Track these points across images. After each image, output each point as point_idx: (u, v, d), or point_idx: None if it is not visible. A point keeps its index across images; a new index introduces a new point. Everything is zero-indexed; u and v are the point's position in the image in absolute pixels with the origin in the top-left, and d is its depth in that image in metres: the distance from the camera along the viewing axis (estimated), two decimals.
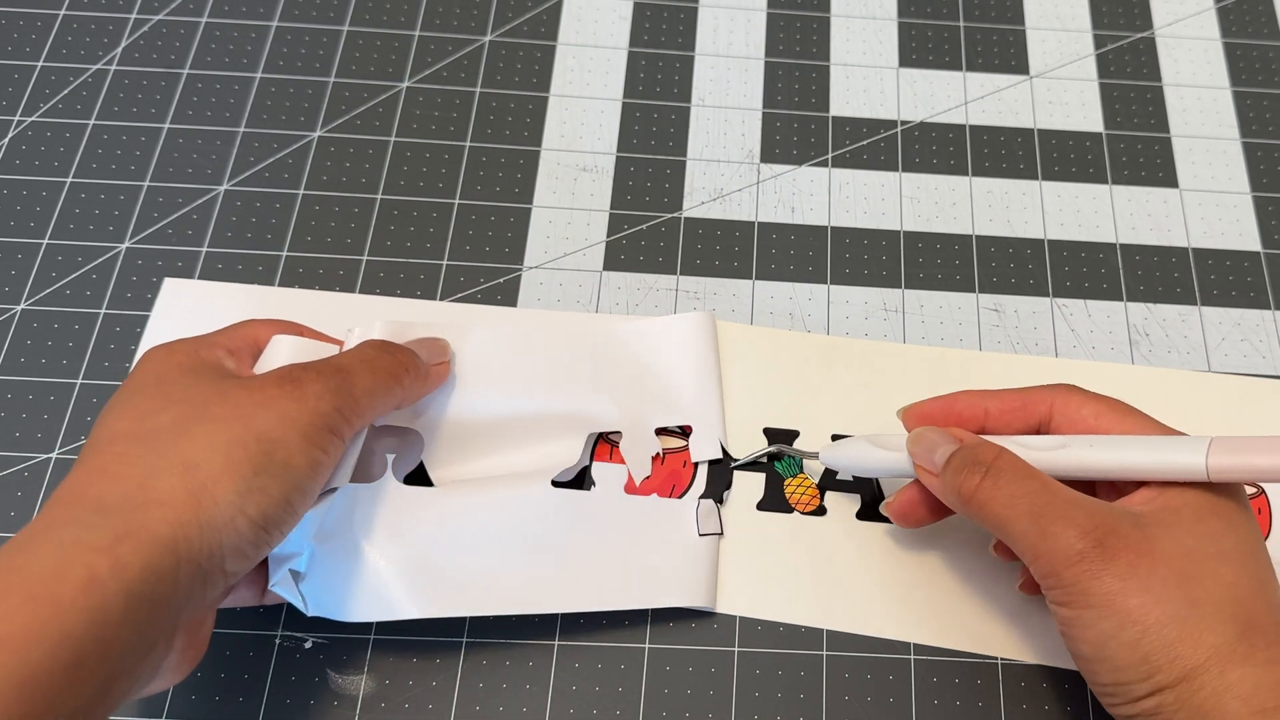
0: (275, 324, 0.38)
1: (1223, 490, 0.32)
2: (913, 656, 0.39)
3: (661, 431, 0.42)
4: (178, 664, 0.31)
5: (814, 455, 0.40)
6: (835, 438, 0.42)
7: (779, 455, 0.42)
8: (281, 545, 0.34)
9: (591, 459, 0.41)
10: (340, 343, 0.39)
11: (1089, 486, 0.35)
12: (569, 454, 0.40)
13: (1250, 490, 0.42)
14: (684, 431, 0.42)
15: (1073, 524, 0.31)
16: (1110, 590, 0.30)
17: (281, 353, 0.36)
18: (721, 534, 0.40)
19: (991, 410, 0.36)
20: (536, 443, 0.40)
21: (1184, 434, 0.34)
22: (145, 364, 0.34)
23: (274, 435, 0.31)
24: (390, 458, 0.39)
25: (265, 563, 0.35)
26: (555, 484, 0.39)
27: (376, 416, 0.36)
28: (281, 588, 0.35)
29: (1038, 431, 0.36)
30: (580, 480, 0.41)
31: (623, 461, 0.41)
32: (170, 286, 0.45)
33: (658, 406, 0.42)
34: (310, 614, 0.36)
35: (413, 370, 0.36)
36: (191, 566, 0.28)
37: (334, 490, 0.35)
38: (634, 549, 0.39)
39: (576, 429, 0.41)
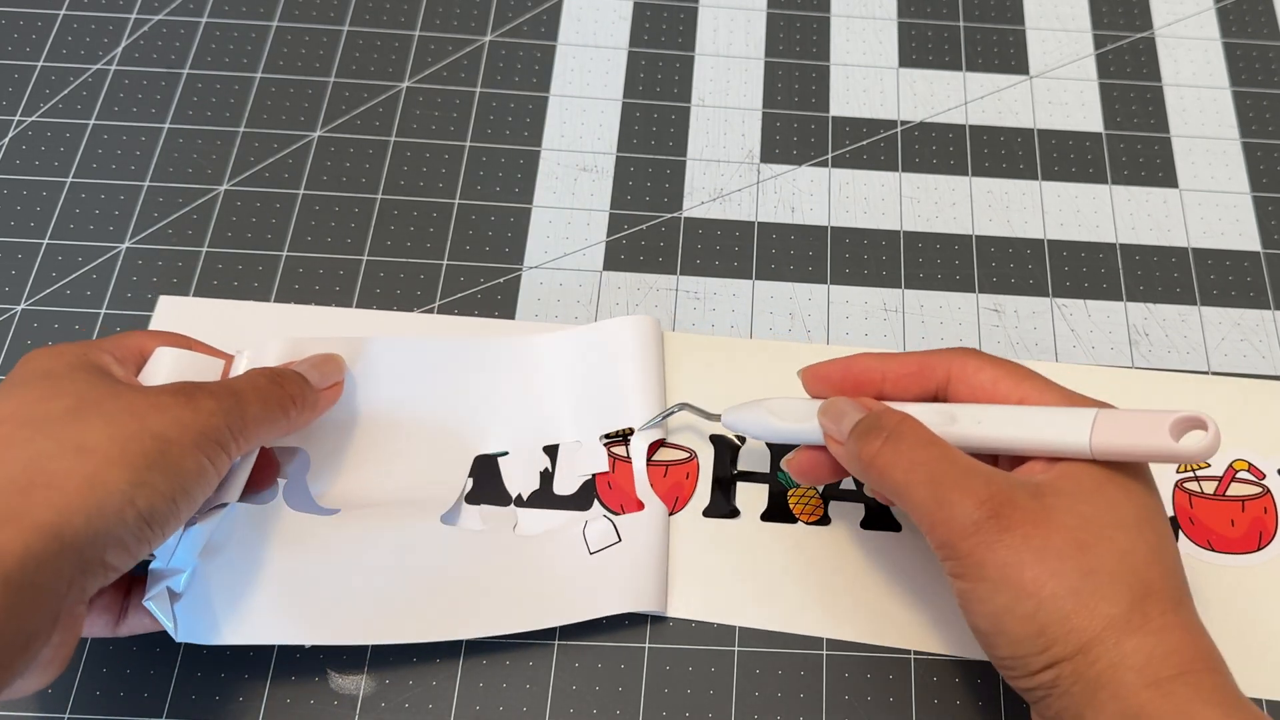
0: (162, 335, 0.37)
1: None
2: (913, 657, 0.39)
3: (615, 441, 0.42)
4: (49, 661, 0.29)
5: (716, 417, 0.40)
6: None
7: (681, 411, 0.41)
8: (165, 560, 0.34)
9: (474, 492, 0.41)
10: (229, 357, 0.39)
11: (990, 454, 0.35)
12: (454, 478, 0.41)
13: (1254, 490, 0.42)
14: (624, 436, 0.42)
15: (970, 493, 0.31)
16: (1005, 562, 0.30)
17: (164, 365, 0.36)
18: (620, 541, 0.39)
19: (889, 374, 0.36)
20: (424, 464, 0.41)
21: (1079, 399, 0.33)
22: (30, 362, 0.33)
23: (168, 436, 0.31)
24: (281, 482, 0.39)
25: (120, 588, 0.35)
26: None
27: (264, 442, 0.36)
28: (155, 604, 0.34)
29: (935, 397, 0.36)
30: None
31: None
32: (165, 304, 0.45)
33: (593, 415, 0.42)
34: (179, 639, 0.35)
35: (300, 401, 0.37)
36: (74, 554, 0.28)
37: (222, 506, 0.35)
38: (526, 576, 0.39)
39: (464, 451, 0.41)
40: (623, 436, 0.42)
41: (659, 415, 0.41)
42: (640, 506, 0.41)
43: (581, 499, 0.41)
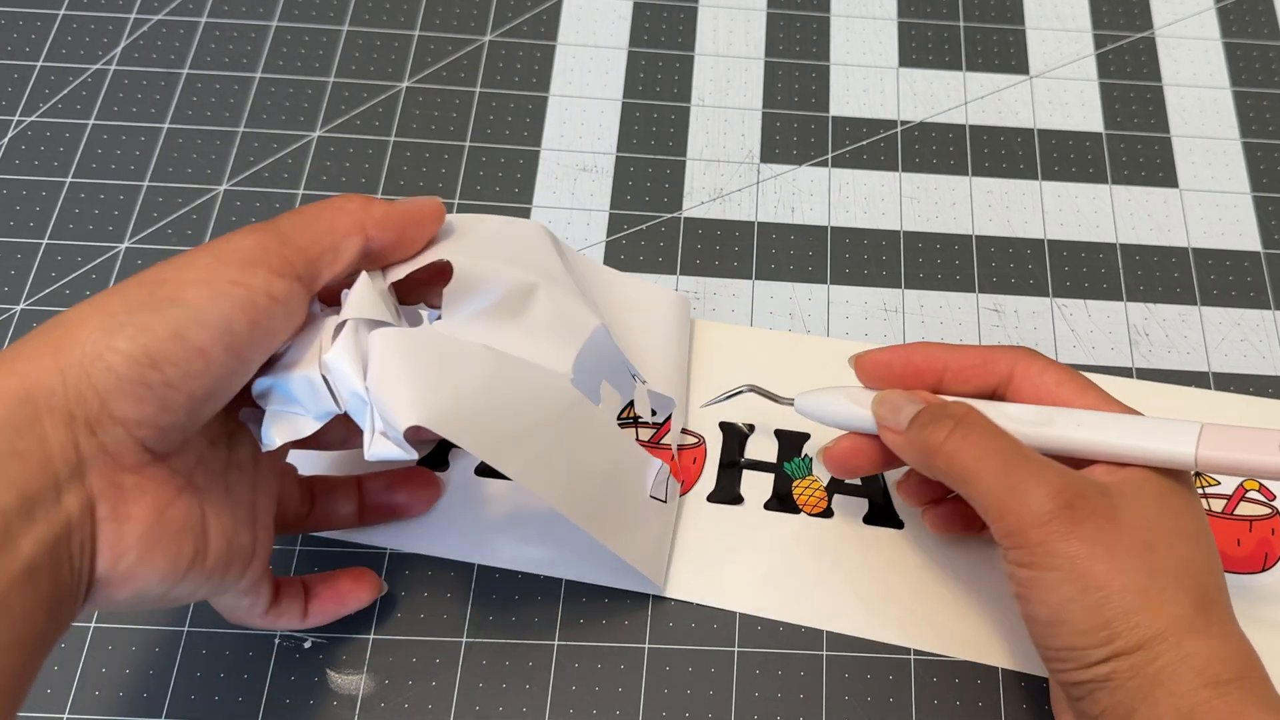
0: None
1: (1175, 472, 0.33)
2: (913, 657, 0.39)
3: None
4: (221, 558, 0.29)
5: (789, 401, 0.39)
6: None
7: (748, 392, 0.41)
8: (354, 411, 0.32)
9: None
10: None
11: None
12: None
13: (1263, 511, 0.42)
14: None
15: (1044, 484, 0.31)
16: (1076, 554, 0.30)
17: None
18: (665, 501, 0.39)
19: (951, 365, 0.36)
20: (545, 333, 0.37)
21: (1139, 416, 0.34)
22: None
23: (162, 278, 0.28)
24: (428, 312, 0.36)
25: (301, 485, 0.36)
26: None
27: (332, 249, 0.31)
28: (379, 452, 0.32)
29: (993, 394, 0.35)
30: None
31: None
32: None
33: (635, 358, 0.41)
34: (414, 459, 0.32)
35: (359, 196, 0.33)
36: (59, 415, 0.26)
37: (344, 323, 0.31)
38: (608, 477, 0.37)
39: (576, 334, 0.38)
40: (633, 419, 0.42)
41: (724, 395, 0.41)
42: (681, 480, 0.41)
43: None
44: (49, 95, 0.50)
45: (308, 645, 0.39)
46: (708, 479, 0.42)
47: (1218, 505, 0.42)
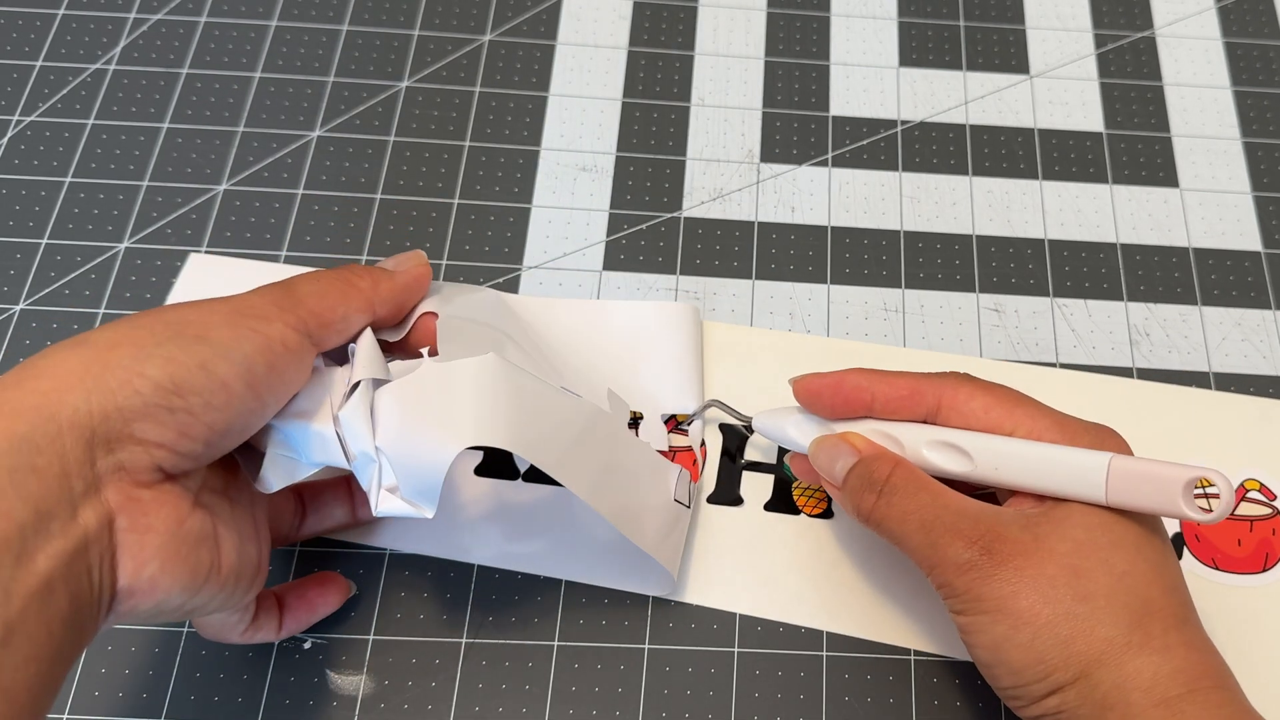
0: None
1: None
2: (913, 657, 0.39)
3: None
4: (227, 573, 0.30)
5: (748, 420, 0.40)
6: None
7: (714, 408, 0.42)
8: (364, 469, 0.33)
9: None
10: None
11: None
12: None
13: (1264, 511, 0.42)
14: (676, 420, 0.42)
15: (959, 535, 0.32)
16: (1000, 594, 0.31)
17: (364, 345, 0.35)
18: (689, 506, 0.40)
19: (879, 396, 0.36)
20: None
21: (1073, 427, 0.33)
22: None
23: (187, 319, 0.30)
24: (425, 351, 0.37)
25: (292, 497, 0.37)
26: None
27: (343, 319, 0.33)
28: (387, 509, 0.33)
29: (924, 421, 0.35)
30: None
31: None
32: (195, 262, 0.45)
33: (644, 390, 0.42)
34: (431, 515, 0.33)
35: (368, 274, 0.35)
36: (80, 432, 0.27)
37: (357, 384, 0.33)
38: (631, 479, 0.38)
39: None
40: (634, 421, 0.42)
41: (697, 411, 0.42)
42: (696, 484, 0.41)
43: None
44: (49, 95, 0.50)
45: (308, 646, 0.39)
46: (707, 480, 0.42)
47: None
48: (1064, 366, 0.45)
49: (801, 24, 0.54)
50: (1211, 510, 0.30)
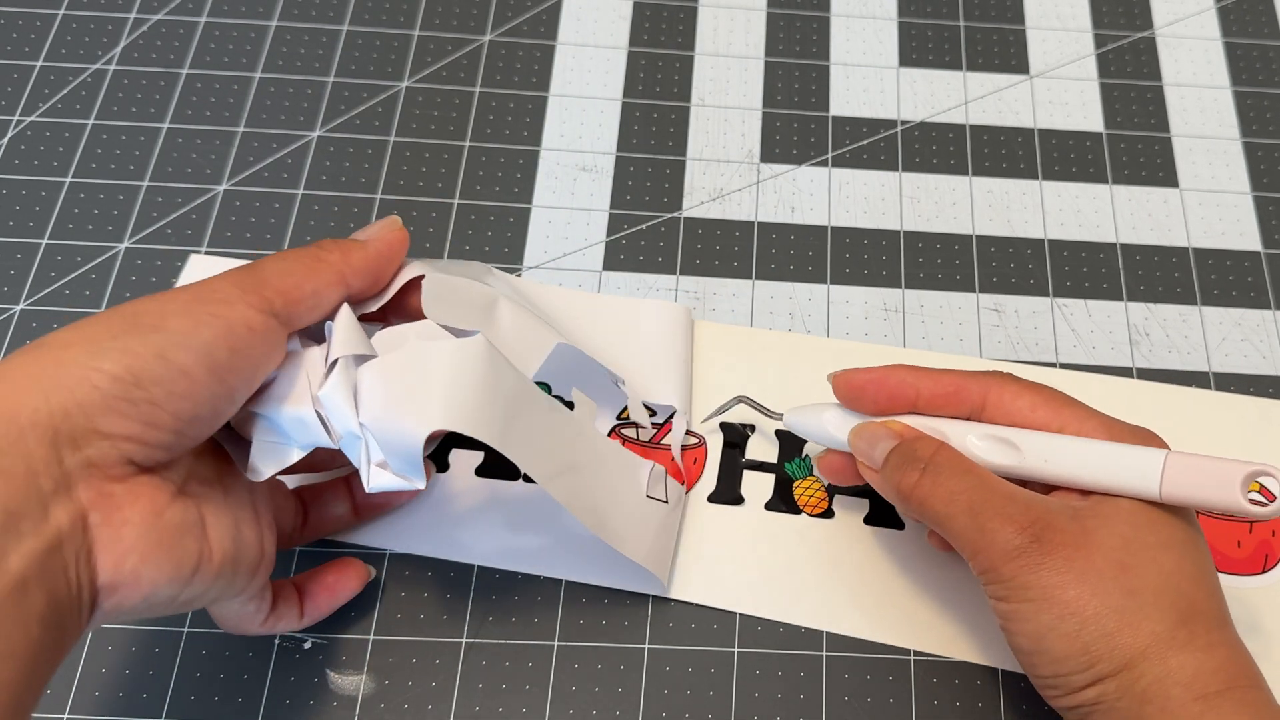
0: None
1: None
2: (912, 657, 0.39)
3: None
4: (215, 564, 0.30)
5: (778, 416, 0.40)
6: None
7: (741, 404, 0.42)
8: (347, 446, 0.33)
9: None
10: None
11: None
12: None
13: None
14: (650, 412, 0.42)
15: (1010, 520, 0.31)
16: (1047, 584, 0.31)
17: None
18: (666, 501, 0.40)
19: (924, 392, 0.36)
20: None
21: (1121, 428, 0.33)
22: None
23: (144, 309, 0.30)
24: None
25: (293, 499, 0.37)
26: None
27: (313, 295, 0.32)
28: (380, 484, 0.33)
29: (968, 419, 0.36)
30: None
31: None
32: (195, 263, 0.45)
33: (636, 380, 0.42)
34: (422, 486, 0.33)
35: (338, 246, 0.34)
36: (42, 431, 0.27)
37: (335, 364, 0.32)
38: (599, 479, 0.38)
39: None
40: (633, 421, 0.42)
41: (719, 408, 0.42)
42: (682, 482, 0.41)
43: None
44: (49, 95, 0.50)
45: (308, 645, 0.39)
46: (708, 479, 0.42)
47: None
48: (1064, 366, 0.45)
49: (801, 24, 0.54)
50: (1268, 505, 0.30)
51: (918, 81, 0.53)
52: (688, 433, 0.43)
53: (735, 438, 0.43)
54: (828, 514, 0.41)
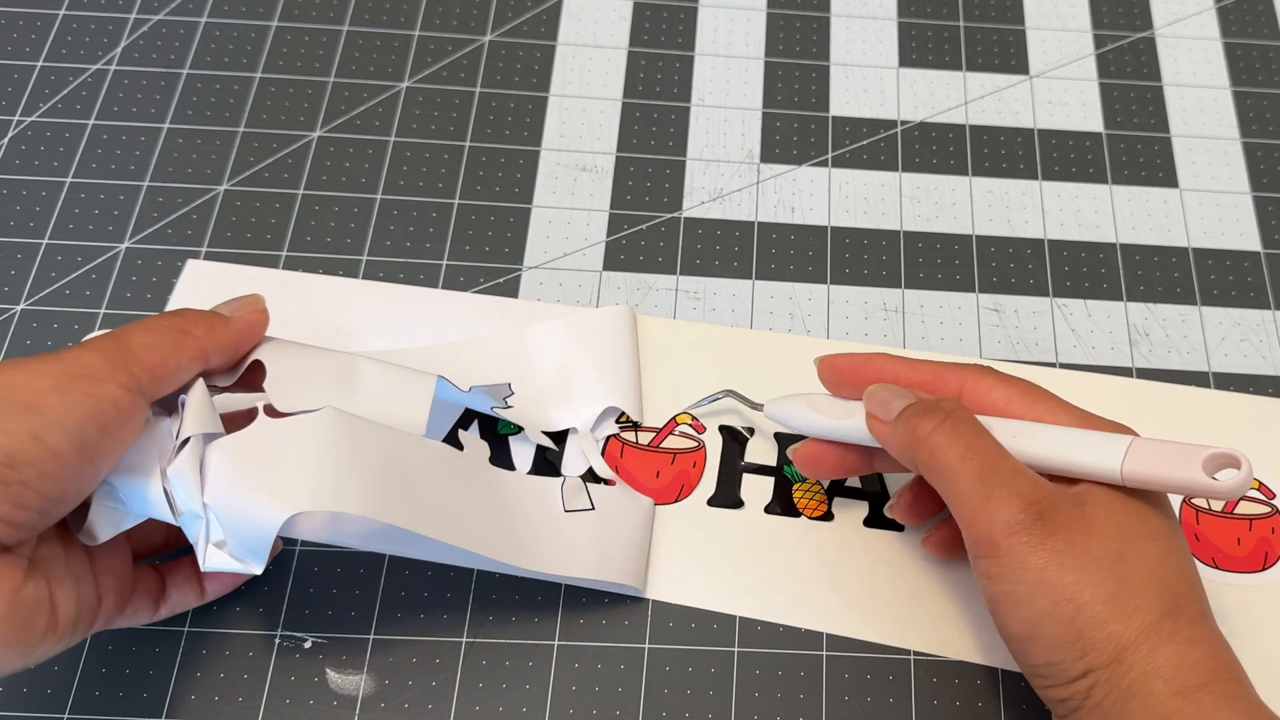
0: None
1: None
2: (912, 657, 0.39)
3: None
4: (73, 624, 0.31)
5: (759, 406, 0.41)
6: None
7: (728, 397, 0.42)
8: (191, 526, 0.33)
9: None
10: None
11: None
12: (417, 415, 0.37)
13: (1263, 510, 0.42)
14: (634, 424, 0.42)
15: (1018, 493, 0.31)
16: (1045, 565, 0.30)
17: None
18: (592, 509, 0.40)
19: (903, 379, 0.36)
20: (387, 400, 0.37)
21: (1095, 421, 0.34)
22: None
23: (16, 384, 0.30)
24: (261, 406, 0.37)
25: (151, 574, 0.36)
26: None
27: (177, 370, 0.33)
28: (217, 564, 0.33)
29: None
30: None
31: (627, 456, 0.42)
32: (192, 269, 0.45)
33: (575, 401, 0.42)
34: (260, 572, 0.33)
35: (203, 320, 0.34)
36: None
37: (186, 441, 0.32)
38: (505, 508, 0.38)
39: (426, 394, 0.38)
40: (633, 424, 0.42)
41: (705, 399, 0.42)
42: (648, 495, 0.41)
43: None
44: (49, 95, 0.50)
45: (308, 645, 0.39)
46: (708, 483, 0.42)
47: (1218, 504, 0.42)
48: (1064, 366, 0.45)
49: (801, 24, 0.54)
50: (1227, 481, 0.30)
51: (918, 81, 0.53)
52: (685, 435, 0.43)
53: (735, 441, 0.43)
54: (827, 517, 0.41)
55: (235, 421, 0.34)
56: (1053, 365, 0.45)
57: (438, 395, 0.37)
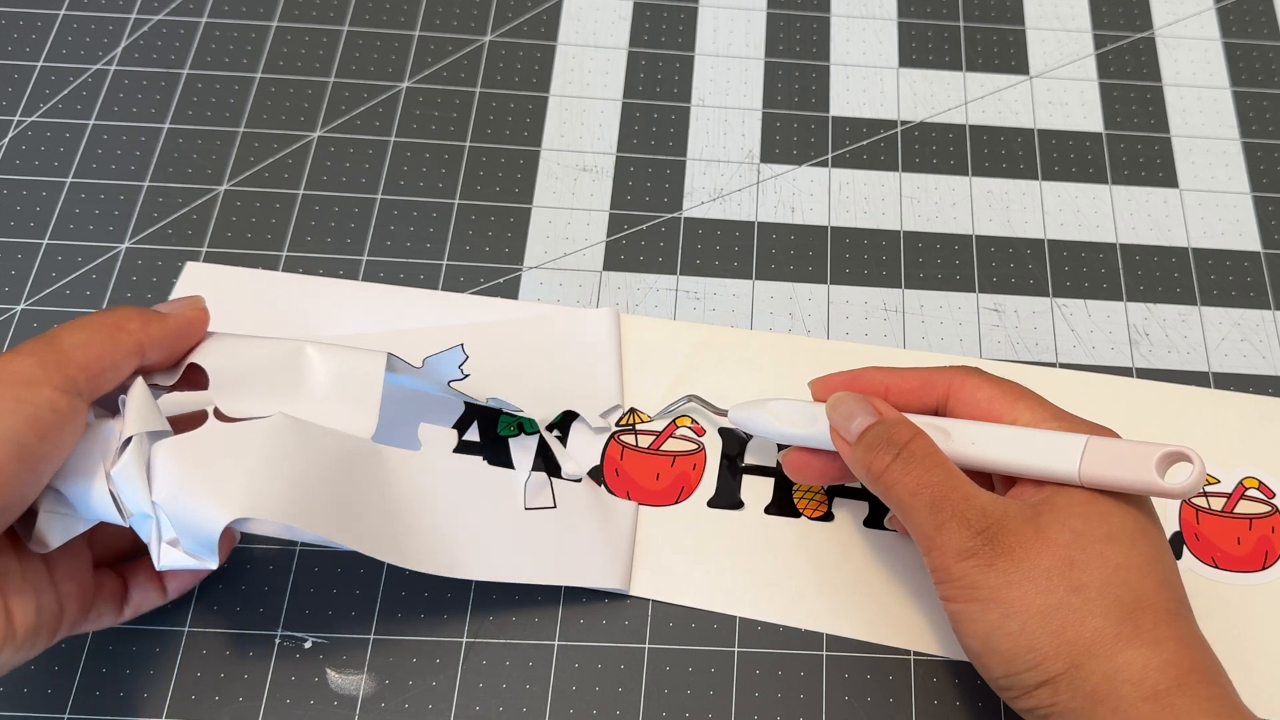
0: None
1: None
2: (912, 657, 0.39)
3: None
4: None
5: (723, 413, 0.41)
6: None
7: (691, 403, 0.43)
8: (142, 526, 0.33)
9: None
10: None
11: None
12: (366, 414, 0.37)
13: (1263, 509, 0.42)
14: (633, 425, 0.43)
15: (966, 523, 0.32)
16: (994, 584, 0.31)
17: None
18: (554, 507, 0.40)
19: (893, 387, 0.37)
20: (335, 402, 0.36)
21: (1070, 420, 0.34)
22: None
23: None
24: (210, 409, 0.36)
25: (113, 576, 0.36)
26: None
27: (113, 367, 0.32)
28: (171, 562, 0.32)
29: (935, 411, 0.36)
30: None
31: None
32: (191, 271, 0.45)
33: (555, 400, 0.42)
34: (215, 567, 0.33)
35: (138, 315, 0.33)
36: None
37: (129, 441, 0.32)
38: (461, 510, 0.38)
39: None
40: (632, 426, 0.42)
41: (670, 406, 0.42)
42: (648, 498, 0.41)
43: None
44: (49, 95, 0.50)
45: (308, 645, 0.39)
46: (708, 484, 0.42)
47: (1218, 504, 0.42)
48: (1064, 366, 0.45)
49: (801, 24, 0.55)
50: (1180, 482, 0.30)
51: (917, 82, 0.53)
52: (685, 438, 0.42)
53: (734, 442, 0.43)
54: (827, 517, 0.41)
55: (184, 424, 0.34)
56: (1053, 365, 0.45)
57: (388, 380, 0.36)
